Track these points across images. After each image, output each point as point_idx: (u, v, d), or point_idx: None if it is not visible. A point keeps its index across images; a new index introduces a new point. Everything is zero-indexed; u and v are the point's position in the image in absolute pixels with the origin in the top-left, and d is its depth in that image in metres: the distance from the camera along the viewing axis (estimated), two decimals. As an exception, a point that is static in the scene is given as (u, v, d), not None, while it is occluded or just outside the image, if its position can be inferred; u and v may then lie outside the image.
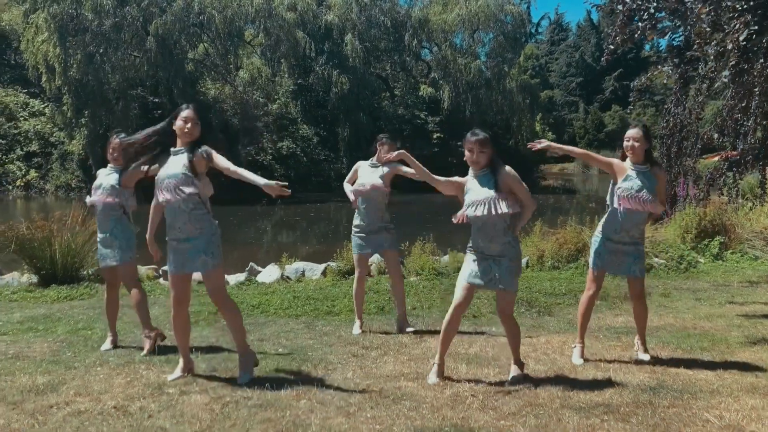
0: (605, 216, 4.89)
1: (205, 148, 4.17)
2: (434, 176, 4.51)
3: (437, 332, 5.64)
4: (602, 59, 6.30)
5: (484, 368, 4.51)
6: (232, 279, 8.85)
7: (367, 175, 5.91)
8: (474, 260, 4.27)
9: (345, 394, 3.91)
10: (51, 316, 6.49)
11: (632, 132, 4.79)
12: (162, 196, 4.14)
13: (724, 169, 14.13)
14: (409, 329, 5.79)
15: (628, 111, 69.48)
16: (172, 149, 4.22)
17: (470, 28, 35.83)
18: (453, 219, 4.36)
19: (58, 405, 3.76)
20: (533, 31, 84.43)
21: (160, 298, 7.75)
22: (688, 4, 5.51)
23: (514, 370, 4.29)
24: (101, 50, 26.28)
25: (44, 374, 4.38)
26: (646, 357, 4.78)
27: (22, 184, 27.71)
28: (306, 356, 4.86)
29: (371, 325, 6.07)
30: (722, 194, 12.55)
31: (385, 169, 5.90)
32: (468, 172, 4.42)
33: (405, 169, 5.61)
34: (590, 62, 75.30)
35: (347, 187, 6.11)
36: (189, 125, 4.16)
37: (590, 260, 4.92)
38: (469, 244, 4.36)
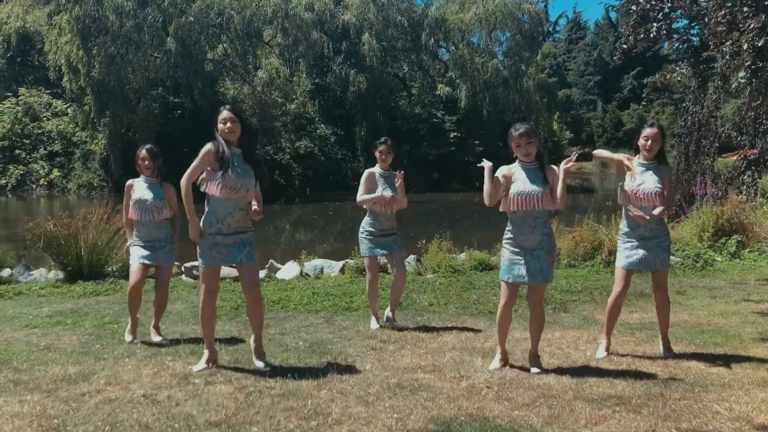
0: (623, 214, 4.99)
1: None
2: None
3: (454, 329, 5.80)
4: (615, 58, 6.37)
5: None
6: (253, 276, 9.01)
7: (384, 184, 5.97)
8: (515, 258, 4.46)
9: (364, 385, 4.04)
10: (78, 310, 6.68)
11: (650, 131, 4.88)
12: (232, 193, 4.37)
13: (742, 168, 14.10)
14: (395, 326, 5.89)
15: (647, 109, 69.12)
16: (233, 149, 4.49)
17: (487, 27, 35.82)
18: (500, 208, 4.52)
19: (90, 393, 3.93)
20: (551, 29, 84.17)
21: (182, 293, 7.94)
22: (703, 3, 5.57)
23: (533, 362, 4.46)
24: (122, 51, 26.69)
25: (75, 364, 4.56)
26: (669, 353, 4.85)
27: (46, 183, 28.19)
28: (326, 349, 5.00)
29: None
30: (741, 193, 12.55)
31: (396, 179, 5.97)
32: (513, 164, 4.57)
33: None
34: (608, 61, 74.84)
35: (367, 197, 6.05)
36: (229, 125, 4.44)
37: (616, 259, 5.00)
38: (507, 238, 4.52)
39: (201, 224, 4.44)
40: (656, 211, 4.71)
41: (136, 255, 5.47)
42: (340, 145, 32.80)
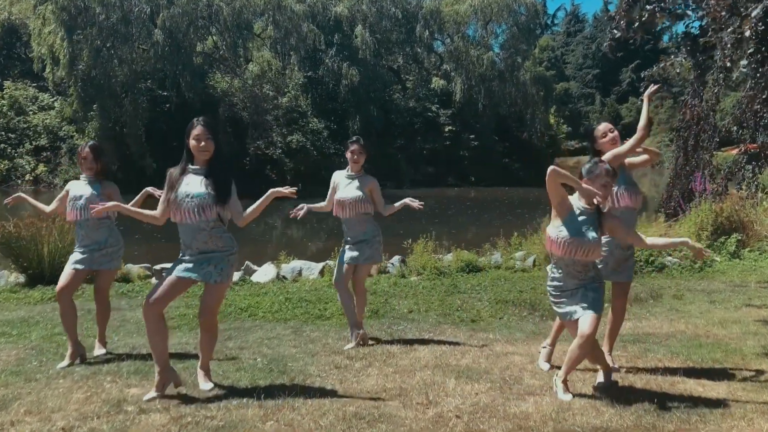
0: None
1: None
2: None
3: (430, 341, 5.32)
4: (604, 45, 5.88)
5: (475, 383, 4.14)
6: (226, 278, 8.52)
7: (347, 186, 5.43)
8: None
9: (317, 415, 3.56)
10: (29, 319, 6.21)
11: (606, 126, 4.50)
12: (179, 215, 3.94)
13: (742, 163, 13.61)
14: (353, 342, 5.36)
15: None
16: (190, 166, 4.00)
17: (483, 19, 35.34)
18: None
19: (2, 426, 3.45)
20: (549, 22, 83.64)
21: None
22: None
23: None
24: (108, 44, 26.14)
25: (1, 387, 4.08)
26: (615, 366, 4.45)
27: (31, 178, 27.63)
28: (285, 368, 4.52)
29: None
30: (741, 188, 12.08)
31: (364, 181, 5.43)
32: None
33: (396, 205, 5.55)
34: (607, 53, 74.20)
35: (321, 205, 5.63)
36: (203, 143, 3.94)
37: None
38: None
39: None
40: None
41: (70, 260, 4.94)
42: (333, 139, 32.25)
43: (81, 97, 26.29)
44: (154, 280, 8.61)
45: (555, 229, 3.82)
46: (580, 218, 3.80)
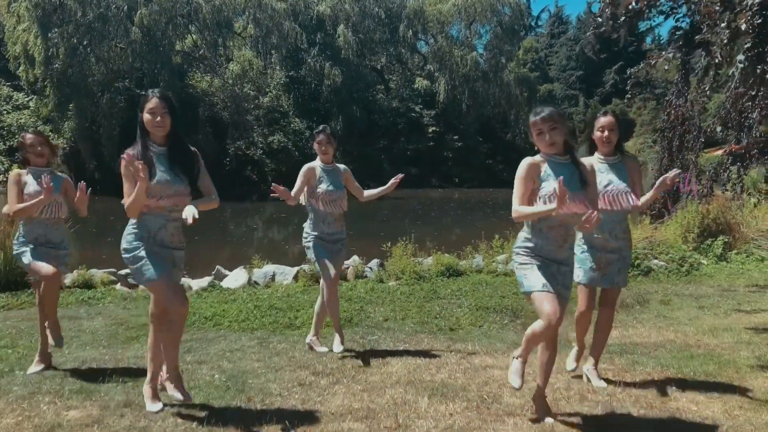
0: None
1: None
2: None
3: (405, 353, 4.96)
4: (586, 36, 5.54)
5: (450, 402, 3.79)
6: (195, 284, 8.14)
7: (327, 181, 5.07)
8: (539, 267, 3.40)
9: (272, 442, 3.20)
10: (-27, 330, 5.78)
11: (606, 120, 4.14)
12: (156, 202, 3.53)
13: (727, 164, 13.39)
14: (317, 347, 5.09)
15: (629, 104, 68.70)
16: (153, 147, 3.61)
17: (467, 19, 35.11)
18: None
19: None
20: (533, 24, 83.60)
21: (109, 306, 7.05)
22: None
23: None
24: (85, 41, 25.57)
25: None
26: (602, 384, 4.13)
27: (5, 179, 26.93)
28: (244, 385, 4.14)
29: (332, 343, 5.36)
30: (726, 189, 11.86)
31: (340, 173, 5.17)
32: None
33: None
34: (590, 55, 74.38)
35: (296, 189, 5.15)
36: (158, 117, 3.54)
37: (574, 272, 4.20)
38: (528, 246, 3.44)
39: (130, 236, 3.59)
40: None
41: (37, 256, 4.45)
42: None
43: (57, 97, 25.71)
44: (119, 287, 8.18)
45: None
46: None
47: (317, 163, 5.16)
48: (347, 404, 3.77)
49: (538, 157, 3.44)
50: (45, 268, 4.40)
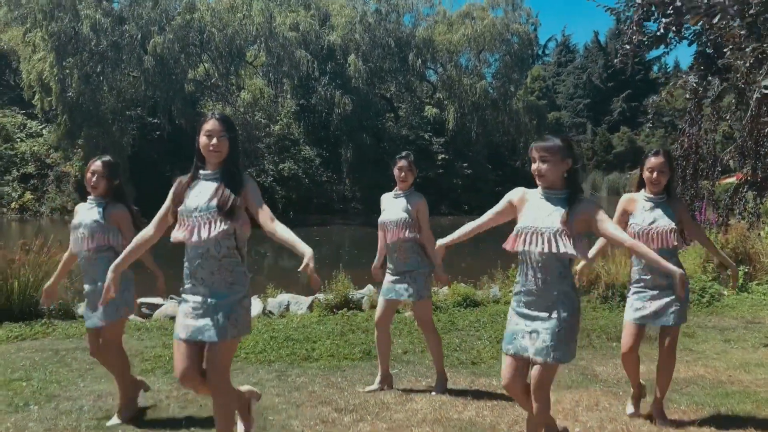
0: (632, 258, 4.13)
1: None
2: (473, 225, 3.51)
3: (428, 389, 4.82)
4: (616, 60, 5.47)
5: (480, 441, 3.66)
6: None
7: (389, 208, 4.90)
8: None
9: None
10: (-13, 361, 5.68)
11: (656, 162, 4.06)
12: (187, 234, 3.13)
13: (743, 192, 13.25)
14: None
15: (636, 132, 68.77)
16: (201, 172, 3.24)
17: (476, 49, 35.29)
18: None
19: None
20: (540, 53, 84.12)
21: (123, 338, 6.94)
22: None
23: None
24: (98, 69, 25.83)
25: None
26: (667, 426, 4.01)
27: (18, 206, 27.07)
28: (265, 422, 4.03)
29: (353, 375, 5.24)
30: (742, 218, 11.71)
31: (412, 200, 4.87)
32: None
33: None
34: (598, 83, 74.80)
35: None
36: (215, 140, 3.15)
37: (625, 310, 4.18)
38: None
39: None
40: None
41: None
42: (325, 167, 31.93)
43: (69, 125, 25.90)
44: (132, 317, 8.07)
45: None
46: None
47: (391, 192, 5.00)
48: (373, 443, 3.65)
49: (521, 192, 3.31)
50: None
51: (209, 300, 3.10)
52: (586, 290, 9.07)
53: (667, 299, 3.97)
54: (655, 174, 4.03)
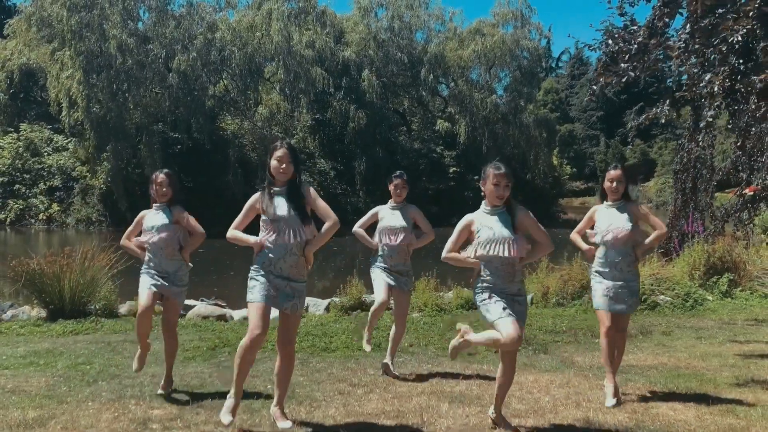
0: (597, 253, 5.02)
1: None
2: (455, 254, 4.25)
3: (428, 371, 5.71)
4: (585, 99, 6.39)
5: (466, 407, 4.56)
6: (237, 315, 8.98)
7: (391, 217, 5.78)
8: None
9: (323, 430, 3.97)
10: (54, 350, 6.63)
11: (615, 174, 4.99)
12: (283, 235, 4.07)
13: (738, 206, 14.10)
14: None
15: (649, 145, 69.31)
16: (274, 189, 4.19)
17: (486, 64, 36.21)
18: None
19: (43, 440, 3.88)
20: (554, 65, 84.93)
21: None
22: (674, 42, 5.60)
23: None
24: (124, 87, 27.02)
25: (36, 408, 4.50)
26: (614, 401, 4.75)
27: (45, 218, 28.24)
28: (293, 393, 4.93)
29: (365, 362, 6.13)
30: (737, 230, 12.48)
31: (407, 210, 5.84)
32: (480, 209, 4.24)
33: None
34: (611, 96, 75.25)
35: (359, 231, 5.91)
36: (284, 165, 4.13)
37: (594, 299, 5.07)
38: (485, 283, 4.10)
39: (254, 265, 4.15)
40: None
41: (145, 282, 4.98)
42: (340, 179, 32.90)
43: (95, 139, 27.08)
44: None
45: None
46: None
47: (387, 205, 5.88)
48: (381, 407, 4.55)
49: (471, 216, 4.20)
50: (141, 301, 4.99)
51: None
52: (579, 294, 9.92)
53: (624, 291, 4.85)
54: (614, 184, 4.94)
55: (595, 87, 5.78)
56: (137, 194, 27.05)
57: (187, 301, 9.28)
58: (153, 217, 5.05)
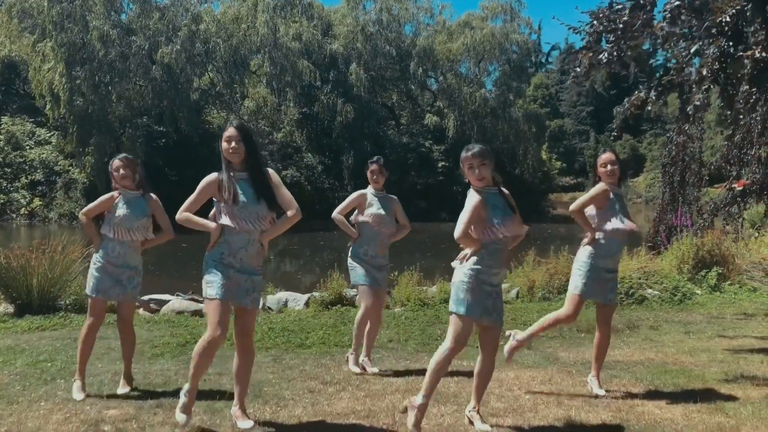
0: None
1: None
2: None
3: (405, 368, 5.46)
4: (567, 83, 6.13)
5: (442, 405, 4.31)
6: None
7: (378, 205, 5.47)
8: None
9: (285, 434, 3.72)
10: (15, 347, 6.34)
11: (607, 157, 4.76)
12: (241, 223, 3.81)
13: (728, 200, 13.93)
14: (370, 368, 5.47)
15: (641, 139, 69.36)
16: (236, 172, 3.91)
17: (475, 57, 36.00)
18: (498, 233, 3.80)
19: (-18, 444, 3.60)
20: (543, 60, 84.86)
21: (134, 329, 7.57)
22: (659, 24, 5.36)
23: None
24: (107, 79, 26.60)
25: (-17, 409, 4.22)
26: (602, 391, 4.63)
27: (27, 212, 27.81)
28: (260, 392, 4.67)
29: (340, 359, 5.88)
30: (726, 224, 12.32)
31: (389, 201, 5.57)
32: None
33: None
34: (600, 91, 75.27)
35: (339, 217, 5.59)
36: (233, 144, 3.88)
37: (575, 284, 4.74)
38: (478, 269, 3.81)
39: (210, 248, 3.87)
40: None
41: (96, 285, 4.64)
42: (327, 174, 32.62)
43: (78, 133, 26.65)
44: (141, 312, 8.73)
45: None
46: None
47: (369, 190, 5.59)
48: (351, 407, 4.29)
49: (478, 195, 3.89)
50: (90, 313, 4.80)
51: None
52: (565, 288, 9.69)
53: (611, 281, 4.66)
54: (608, 167, 4.69)
55: (578, 69, 5.51)
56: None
57: (162, 296, 9.00)
58: (126, 205, 4.72)
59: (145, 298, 9.00)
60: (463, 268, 3.84)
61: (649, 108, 7.76)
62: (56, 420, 4.00)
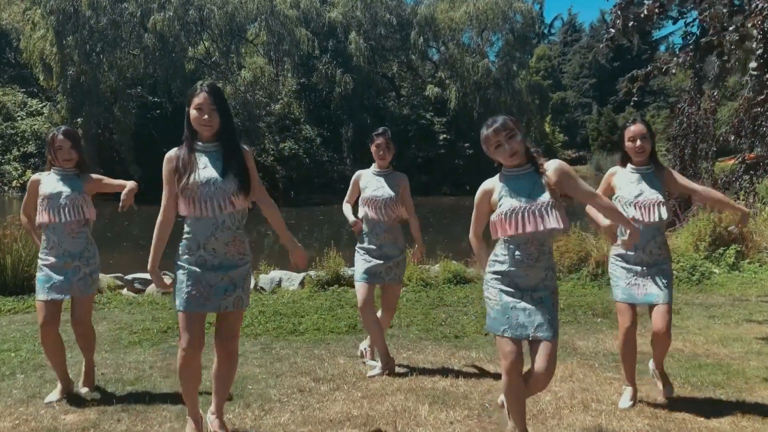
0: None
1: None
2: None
3: (408, 360, 4.89)
4: (602, 45, 5.48)
5: (450, 410, 3.74)
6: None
7: (377, 185, 4.72)
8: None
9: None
10: (-21, 334, 5.78)
11: (636, 129, 3.90)
12: (199, 208, 3.13)
13: (740, 172, 13.28)
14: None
15: (642, 112, 68.43)
16: (199, 144, 3.21)
17: (478, 27, 35.04)
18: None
19: None
20: (546, 32, 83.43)
21: (114, 311, 7.03)
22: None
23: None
24: (98, 48, 25.77)
25: None
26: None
27: (19, 185, 27.14)
28: (244, 391, 4.11)
29: (336, 348, 5.32)
30: (738, 198, 11.73)
31: (395, 179, 4.79)
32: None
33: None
34: (604, 63, 74.13)
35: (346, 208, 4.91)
36: (206, 115, 3.14)
37: (613, 290, 4.05)
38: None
39: (178, 252, 3.24)
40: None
41: (41, 286, 3.98)
42: (326, 146, 31.91)
43: (69, 103, 25.89)
44: (125, 291, 8.19)
45: None
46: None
47: (370, 170, 4.84)
48: (346, 411, 3.73)
49: (489, 183, 3.23)
50: (39, 315, 4.03)
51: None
52: (576, 267, 9.16)
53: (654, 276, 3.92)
54: (638, 142, 3.88)
55: (612, 29, 4.86)
56: (116, 160, 26.06)
57: (147, 275, 8.43)
58: (53, 182, 4.06)
59: (129, 277, 8.46)
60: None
61: (674, 72, 7.13)
62: (2, 428, 3.44)
